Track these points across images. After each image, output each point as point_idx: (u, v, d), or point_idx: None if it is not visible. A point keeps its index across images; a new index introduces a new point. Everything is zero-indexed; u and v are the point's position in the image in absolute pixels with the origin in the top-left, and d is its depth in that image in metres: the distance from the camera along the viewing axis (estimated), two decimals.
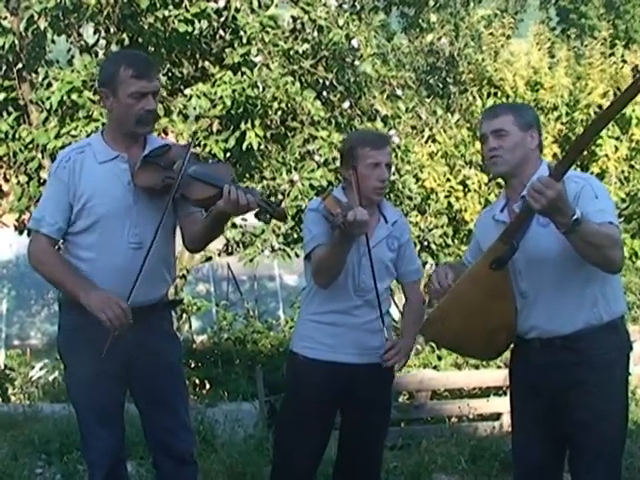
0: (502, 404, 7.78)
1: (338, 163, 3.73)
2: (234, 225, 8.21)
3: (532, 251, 3.09)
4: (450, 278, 3.16)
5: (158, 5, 7.20)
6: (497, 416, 7.81)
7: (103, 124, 6.88)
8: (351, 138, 3.71)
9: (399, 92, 8.65)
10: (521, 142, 3.19)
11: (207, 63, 7.94)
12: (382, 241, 3.51)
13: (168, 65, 8.06)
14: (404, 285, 3.65)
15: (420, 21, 11.12)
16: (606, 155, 10.43)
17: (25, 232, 8.28)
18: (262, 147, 7.64)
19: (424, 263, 10.02)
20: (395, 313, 3.68)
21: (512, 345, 3.32)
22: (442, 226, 10.11)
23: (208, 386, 9.24)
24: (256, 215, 3.12)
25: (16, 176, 7.86)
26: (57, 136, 7.26)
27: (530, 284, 3.15)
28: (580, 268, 3.02)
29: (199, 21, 7.39)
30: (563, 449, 3.24)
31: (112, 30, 7.58)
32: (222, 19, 7.64)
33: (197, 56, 8.08)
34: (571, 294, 3.11)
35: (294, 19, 7.97)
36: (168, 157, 3.29)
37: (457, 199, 10.26)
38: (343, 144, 3.68)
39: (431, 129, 10.51)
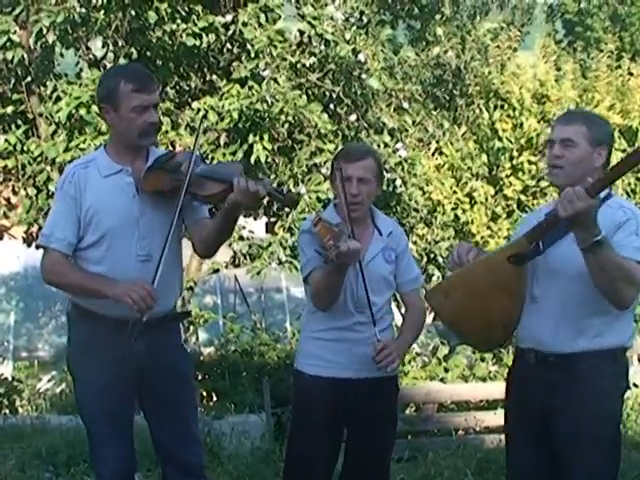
0: None
1: None
2: (241, 237, 8.24)
3: (556, 262, 3.03)
4: (471, 255, 3.09)
5: (166, 19, 7.26)
6: (504, 429, 7.78)
7: None
8: (338, 151, 3.66)
9: (406, 105, 8.68)
10: (587, 158, 3.07)
11: (215, 77, 7.97)
12: (378, 255, 3.45)
13: (176, 78, 8.11)
14: (404, 294, 3.56)
15: (427, 34, 11.16)
16: None
17: (33, 244, 8.32)
18: (269, 160, 7.66)
19: (430, 276, 10.02)
20: (399, 322, 3.65)
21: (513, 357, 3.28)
22: (449, 238, 10.12)
23: (215, 398, 9.23)
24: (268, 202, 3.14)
25: (24, 189, 7.89)
26: (66, 149, 7.29)
27: (543, 293, 3.11)
28: (595, 298, 2.95)
29: (207, 35, 7.44)
30: (558, 468, 3.14)
31: (120, 44, 7.64)
32: (230, 33, 7.68)
33: (205, 70, 8.12)
34: (578, 318, 3.04)
35: (301, 33, 8.00)
36: (173, 162, 3.31)
37: (464, 211, 10.29)
38: (333, 158, 3.60)
39: (438, 142, 10.54)
